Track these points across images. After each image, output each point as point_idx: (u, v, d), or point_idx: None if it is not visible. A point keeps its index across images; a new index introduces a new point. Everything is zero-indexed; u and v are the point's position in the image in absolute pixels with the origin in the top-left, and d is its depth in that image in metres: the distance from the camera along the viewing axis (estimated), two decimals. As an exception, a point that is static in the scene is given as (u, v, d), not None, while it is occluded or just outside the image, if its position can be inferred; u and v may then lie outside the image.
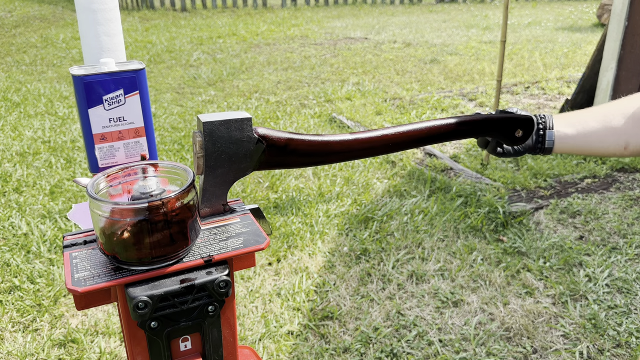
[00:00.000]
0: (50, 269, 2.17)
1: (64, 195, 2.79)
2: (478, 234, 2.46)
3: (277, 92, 4.89)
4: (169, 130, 3.77)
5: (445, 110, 4.29)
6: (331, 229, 2.51)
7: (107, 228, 0.56)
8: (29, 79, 5.12)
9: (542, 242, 2.37)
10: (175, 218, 0.57)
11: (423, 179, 2.98)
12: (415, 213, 2.63)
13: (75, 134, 3.67)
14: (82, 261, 0.59)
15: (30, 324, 1.90)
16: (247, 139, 0.65)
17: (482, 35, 7.62)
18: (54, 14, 8.85)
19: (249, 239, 0.63)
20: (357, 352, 1.78)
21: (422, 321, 1.93)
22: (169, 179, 0.64)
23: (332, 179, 3.01)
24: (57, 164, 3.16)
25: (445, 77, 5.40)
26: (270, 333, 1.85)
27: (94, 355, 1.76)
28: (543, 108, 4.36)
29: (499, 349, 1.80)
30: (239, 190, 2.87)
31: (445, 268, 2.22)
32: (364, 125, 3.92)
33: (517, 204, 2.69)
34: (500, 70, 2.96)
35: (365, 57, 6.38)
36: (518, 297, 2.05)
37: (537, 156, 3.29)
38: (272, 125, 3.98)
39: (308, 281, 2.14)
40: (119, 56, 1.28)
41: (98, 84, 0.81)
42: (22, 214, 2.58)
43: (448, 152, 3.47)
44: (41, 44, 6.74)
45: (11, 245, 2.34)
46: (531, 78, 5.27)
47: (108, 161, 0.88)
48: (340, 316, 1.95)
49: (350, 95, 4.71)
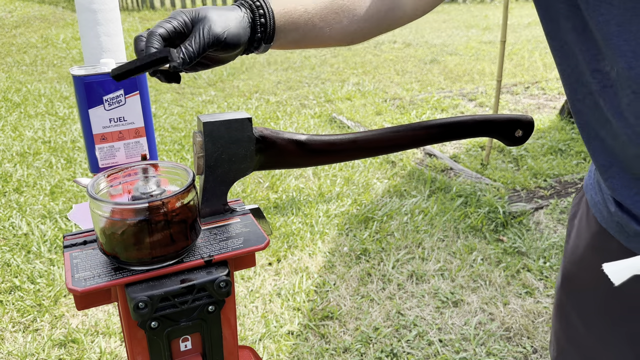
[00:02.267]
0: (51, 269, 2.17)
1: (65, 195, 2.79)
2: (478, 234, 2.46)
3: (277, 92, 4.89)
4: (169, 131, 3.77)
5: (445, 110, 4.29)
6: (331, 229, 2.51)
7: (108, 228, 0.56)
8: (29, 79, 5.12)
9: (542, 242, 2.37)
10: (175, 218, 0.57)
11: (423, 179, 2.98)
12: (415, 213, 2.63)
13: (76, 134, 3.67)
14: (82, 261, 0.59)
15: (30, 324, 1.90)
16: (247, 139, 0.66)
17: (482, 36, 7.62)
18: (54, 14, 8.85)
19: (249, 239, 0.63)
20: (357, 352, 1.78)
21: (422, 321, 1.93)
22: (169, 179, 0.64)
23: (332, 179, 3.01)
24: (57, 164, 3.17)
25: (445, 77, 5.40)
26: (271, 333, 1.86)
27: (94, 355, 1.76)
28: (543, 108, 4.36)
29: (499, 349, 1.80)
30: (239, 190, 2.87)
31: (445, 268, 2.22)
32: (364, 126, 3.92)
33: (517, 204, 2.69)
34: (500, 70, 2.96)
35: (365, 57, 6.38)
36: (518, 297, 2.05)
37: (537, 156, 3.29)
38: (273, 125, 3.99)
39: (308, 281, 2.14)
40: (119, 56, 1.28)
41: (98, 84, 0.81)
42: (22, 214, 2.58)
43: (448, 152, 3.47)
44: (41, 44, 6.74)
45: (11, 245, 2.34)
46: (531, 78, 5.27)
47: (108, 161, 0.88)
48: (340, 316, 1.95)
49: (351, 95, 4.72)
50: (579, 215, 0.82)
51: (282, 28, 0.68)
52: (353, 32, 0.73)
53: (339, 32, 0.73)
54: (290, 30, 0.68)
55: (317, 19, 0.70)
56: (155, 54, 0.57)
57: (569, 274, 0.82)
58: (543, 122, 3.91)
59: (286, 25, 0.68)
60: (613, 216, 0.69)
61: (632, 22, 0.53)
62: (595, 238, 0.75)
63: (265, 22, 0.66)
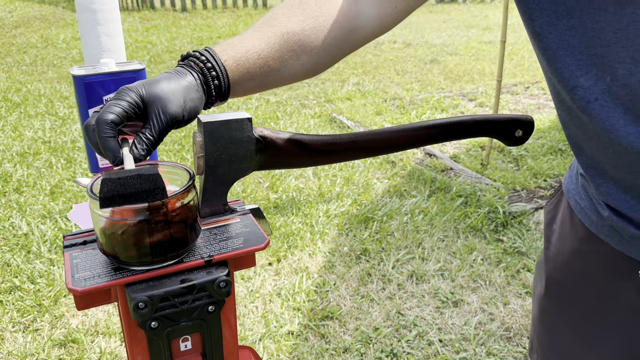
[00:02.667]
0: (51, 269, 2.17)
1: (64, 195, 2.79)
2: (478, 234, 2.46)
3: (277, 92, 4.89)
4: (169, 131, 3.77)
5: (445, 110, 4.29)
6: (331, 229, 2.51)
7: (108, 228, 0.56)
8: (29, 80, 5.12)
9: (542, 242, 2.37)
10: (175, 218, 0.57)
11: (423, 179, 2.98)
12: (415, 213, 2.63)
13: (76, 134, 3.67)
14: (82, 261, 0.59)
15: (30, 324, 1.90)
16: (247, 139, 0.65)
17: (482, 36, 7.62)
18: (54, 14, 8.85)
19: (249, 239, 0.63)
20: (357, 352, 1.78)
21: (422, 321, 1.93)
22: (169, 179, 0.64)
23: (332, 179, 3.01)
24: (57, 164, 3.17)
25: (445, 77, 5.40)
26: (271, 333, 1.86)
27: (94, 355, 1.76)
28: (543, 108, 4.36)
29: (499, 349, 1.80)
30: (239, 190, 2.87)
31: (445, 268, 2.22)
32: (364, 126, 3.92)
33: (517, 204, 2.69)
34: (500, 70, 2.96)
35: (365, 57, 6.38)
36: (518, 297, 2.05)
37: (537, 156, 3.29)
38: (273, 125, 3.99)
39: (308, 281, 2.14)
40: (119, 56, 1.28)
41: (98, 84, 0.81)
42: (22, 214, 2.58)
43: (448, 152, 3.47)
44: (41, 44, 6.74)
45: (11, 245, 2.34)
46: (531, 78, 5.27)
47: (108, 161, 0.88)
48: (340, 316, 1.95)
49: (351, 95, 4.72)
50: (558, 220, 0.80)
51: (237, 81, 0.64)
52: (314, 65, 0.69)
53: (299, 69, 0.68)
54: (245, 80, 0.65)
55: (272, 61, 0.65)
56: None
57: (553, 280, 0.81)
58: (543, 122, 3.91)
59: (241, 77, 0.64)
60: (605, 220, 0.68)
61: (630, 28, 0.53)
62: (583, 243, 0.74)
63: (220, 83, 0.62)
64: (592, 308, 0.75)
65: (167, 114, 0.57)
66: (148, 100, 0.57)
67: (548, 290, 0.82)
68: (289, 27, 0.66)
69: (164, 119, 0.57)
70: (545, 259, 0.83)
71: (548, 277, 0.82)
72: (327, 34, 0.67)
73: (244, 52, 0.64)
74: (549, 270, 0.82)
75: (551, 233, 0.82)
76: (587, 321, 0.76)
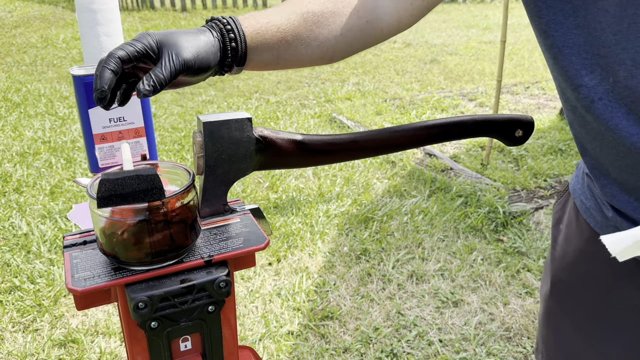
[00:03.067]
0: (51, 269, 2.17)
1: (64, 195, 2.79)
2: (478, 234, 2.46)
3: (277, 92, 4.89)
4: (169, 131, 3.77)
5: (445, 110, 4.29)
6: (331, 229, 2.51)
7: (107, 228, 0.56)
8: (29, 79, 5.12)
9: (542, 242, 2.37)
10: (175, 218, 0.57)
11: (423, 179, 2.98)
12: (415, 213, 2.63)
13: (76, 134, 3.67)
14: (82, 261, 0.59)
15: (30, 324, 1.90)
16: (247, 139, 0.65)
17: (482, 35, 7.62)
18: (54, 14, 8.85)
19: (249, 239, 0.63)
20: (357, 352, 1.78)
21: (422, 321, 1.93)
22: (169, 179, 0.64)
23: (332, 179, 3.01)
24: (57, 164, 3.17)
25: (445, 77, 5.40)
26: (271, 333, 1.86)
27: (94, 355, 1.76)
28: (543, 108, 4.36)
29: (499, 349, 1.80)
30: (239, 190, 2.87)
31: (445, 268, 2.22)
32: (364, 126, 3.92)
33: (517, 204, 2.69)
34: (500, 70, 2.96)
35: (365, 57, 6.38)
36: (518, 297, 2.05)
37: (537, 156, 3.29)
38: (272, 125, 3.99)
39: (308, 281, 2.14)
40: (119, 56, 1.28)
41: (98, 84, 0.81)
42: (22, 214, 2.58)
43: (448, 152, 3.47)
44: (41, 44, 6.74)
45: (11, 245, 2.34)
46: (531, 78, 5.27)
47: (108, 161, 0.88)
48: (340, 316, 1.95)
49: (350, 95, 4.72)
50: (565, 220, 0.81)
51: (255, 50, 0.66)
52: (331, 49, 0.71)
53: (316, 50, 0.70)
54: (263, 51, 0.67)
55: (290, 37, 0.67)
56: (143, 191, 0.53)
57: (558, 280, 0.81)
58: (543, 122, 3.91)
59: (258, 46, 0.66)
60: (610, 221, 0.68)
61: (631, 29, 0.52)
62: (589, 243, 0.74)
63: (237, 46, 0.64)
64: (597, 309, 0.75)
65: (180, 57, 0.59)
66: (163, 44, 0.59)
67: (553, 290, 0.82)
68: (310, 8, 0.69)
69: (175, 61, 0.58)
70: (551, 259, 0.83)
71: (554, 277, 0.82)
72: (345, 20, 0.70)
73: (264, 22, 0.66)
74: (554, 271, 0.82)
75: (558, 233, 0.82)
76: (592, 322, 0.76)
